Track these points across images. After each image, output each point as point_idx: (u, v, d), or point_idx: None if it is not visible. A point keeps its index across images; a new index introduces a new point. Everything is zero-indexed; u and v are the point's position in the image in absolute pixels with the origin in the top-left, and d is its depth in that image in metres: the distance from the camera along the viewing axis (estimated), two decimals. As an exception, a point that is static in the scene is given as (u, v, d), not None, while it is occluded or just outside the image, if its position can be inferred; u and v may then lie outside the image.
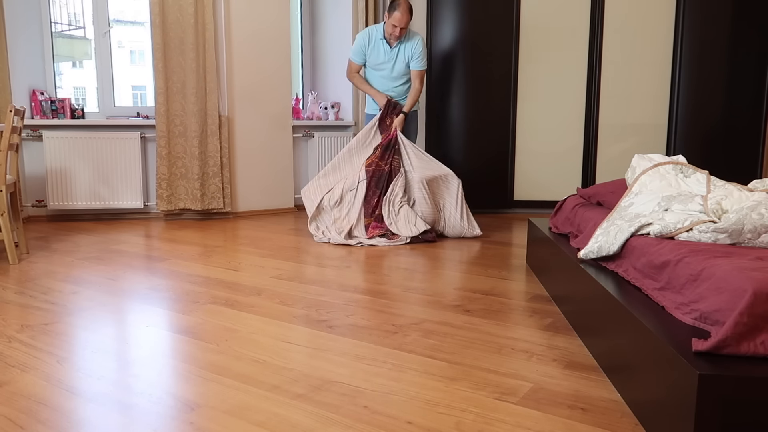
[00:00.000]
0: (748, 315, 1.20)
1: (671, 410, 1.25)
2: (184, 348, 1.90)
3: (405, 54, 3.99)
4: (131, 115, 4.67)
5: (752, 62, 4.61)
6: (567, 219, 2.65)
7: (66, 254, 3.30)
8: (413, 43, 3.97)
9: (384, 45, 3.97)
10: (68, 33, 4.91)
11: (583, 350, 1.89)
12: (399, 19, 3.79)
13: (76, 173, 4.38)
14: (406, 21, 3.81)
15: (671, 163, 2.19)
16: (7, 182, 3.04)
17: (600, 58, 4.74)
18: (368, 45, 4.00)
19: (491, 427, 1.40)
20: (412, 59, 3.98)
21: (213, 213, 4.69)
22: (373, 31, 4.00)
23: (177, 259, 3.19)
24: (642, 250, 1.75)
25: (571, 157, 4.89)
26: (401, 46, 3.97)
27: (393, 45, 3.96)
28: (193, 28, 4.34)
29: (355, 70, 4.10)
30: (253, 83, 4.72)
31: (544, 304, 2.41)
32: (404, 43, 3.97)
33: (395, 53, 3.98)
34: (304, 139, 5.17)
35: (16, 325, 2.12)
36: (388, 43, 3.97)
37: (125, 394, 1.57)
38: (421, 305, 2.37)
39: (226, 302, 2.40)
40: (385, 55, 3.99)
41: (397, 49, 3.98)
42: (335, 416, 1.45)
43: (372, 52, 4.01)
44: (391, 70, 4.02)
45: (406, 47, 3.97)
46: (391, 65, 4.01)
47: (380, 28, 3.98)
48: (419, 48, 3.97)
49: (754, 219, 1.60)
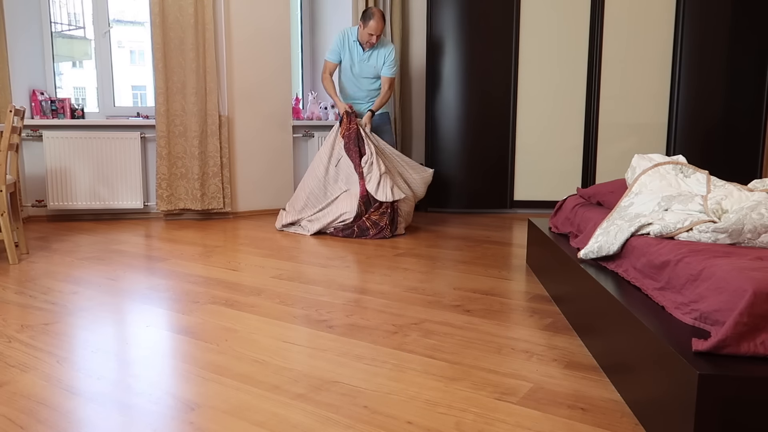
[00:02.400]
0: (748, 315, 1.20)
1: (671, 410, 1.25)
2: (184, 348, 1.90)
3: (377, 59, 4.21)
4: (131, 115, 4.67)
5: (752, 62, 4.61)
6: (567, 219, 2.65)
7: (66, 254, 3.30)
8: (387, 51, 4.19)
9: (358, 47, 4.19)
10: (68, 33, 4.91)
11: (583, 350, 1.89)
12: (374, 28, 3.99)
13: (76, 173, 4.38)
14: (380, 29, 4.02)
15: (671, 163, 2.19)
16: (7, 182, 3.04)
17: (600, 58, 4.74)
18: (343, 45, 4.20)
19: (491, 427, 1.40)
20: (384, 66, 4.20)
21: (213, 213, 4.69)
22: (348, 32, 4.19)
23: (177, 259, 3.19)
24: (642, 250, 1.75)
25: (571, 157, 4.89)
26: (375, 52, 4.19)
27: (366, 50, 4.17)
28: (193, 28, 4.34)
29: (330, 69, 4.26)
30: (253, 83, 4.72)
31: (544, 304, 2.41)
32: (378, 49, 4.19)
33: (367, 57, 4.20)
34: (304, 139, 5.17)
35: (16, 325, 2.12)
36: (362, 47, 4.17)
37: (125, 394, 1.57)
38: (421, 305, 2.37)
39: (226, 302, 2.40)
40: (358, 57, 4.21)
41: (370, 53, 4.20)
42: (335, 416, 1.45)
43: (346, 53, 4.22)
44: (362, 72, 4.24)
45: (379, 53, 4.19)
46: (362, 67, 4.23)
47: (354, 31, 4.18)
48: (391, 56, 4.20)
49: (754, 219, 1.60)
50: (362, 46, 4.15)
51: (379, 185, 3.84)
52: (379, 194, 3.81)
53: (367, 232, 3.80)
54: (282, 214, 4.15)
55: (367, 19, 3.99)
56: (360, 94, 4.34)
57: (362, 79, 4.28)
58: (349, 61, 4.23)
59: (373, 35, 4.02)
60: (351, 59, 4.22)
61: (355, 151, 3.95)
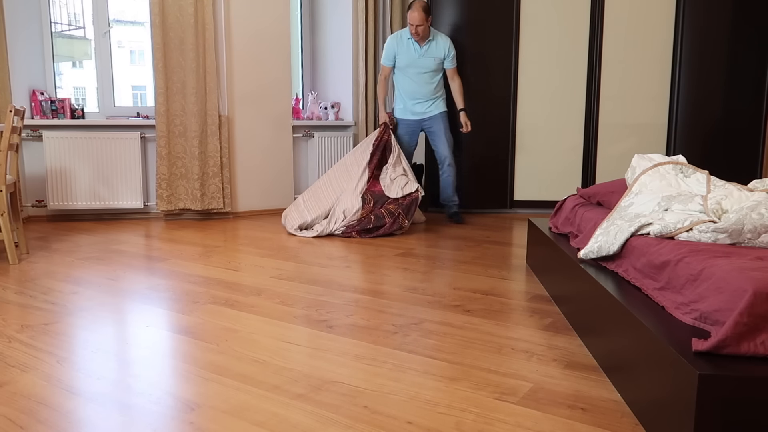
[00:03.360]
0: (748, 315, 1.20)
1: (671, 410, 1.25)
2: (184, 348, 1.90)
3: (437, 51, 4.32)
4: (131, 115, 4.67)
5: (752, 62, 4.61)
6: (567, 219, 2.65)
7: (66, 254, 3.30)
8: (445, 43, 4.34)
9: (413, 44, 4.29)
10: (68, 33, 4.91)
11: (583, 350, 1.89)
12: (414, 18, 4.13)
13: (76, 173, 4.38)
14: (421, 18, 4.12)
15: (671, 163, 2.19)
16: (7, 182, 3.04)
17: (600, 58, 4.74)
18: (398, 46, 4.32)
19: (491, 427, 1.40)
20: (445, 59, 4.36)
21: (213, 213, 4.69)
22: (403, 33, 4.34)
23: (177, 259, 3.19)
24: (642, 250, 1.75)
25: (571, 157, 4.89)
26: (432, 44, 4.31)
27: (422, 45, 4.29)
28: (193, 28, 4.34)
29: (385, 74, 4.42)
30: (253, 83, 4.72)
31: (544, 304, 2.41)
32: (435, 41, 4.31)
33: (425, 50, 4.30)
34: (304, 139, 5.17)
35: (16, 325, 2.12)
36: (418, 43, 4.29)
37: (125, 394, 1.57)
38: (421, 305, 2.37)
39: (226, 302, 2.40)
40: (416, 53, 4.30)
41: (428, 47, 4.31)
42: (335, 416, 1.45)
43: (402, 53, 4.33)
44: (422, 67, 4.32)
45: (438, 45, 4.32)
46: (421, 63, 4.31)
47: (407, 30, 4.33)
48: (450, 49, 4.35)
49: (754, 219, 1.60)
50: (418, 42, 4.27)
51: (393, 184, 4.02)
52: (393, 191, 3.98)
53: (383, 221, 3.84)
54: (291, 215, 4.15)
55: (409, 10, 4.18)
56: (422, 91, 4.39)
57: (422, 75, 4.35)
58: (405, 60, 4.32)
59: (413, 25, 4.14)
60: (408, 57, 4.31)
61: (377, 157, 4.18)
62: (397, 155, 4.21)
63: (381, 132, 4.29)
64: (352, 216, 3.89)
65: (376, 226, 3.84)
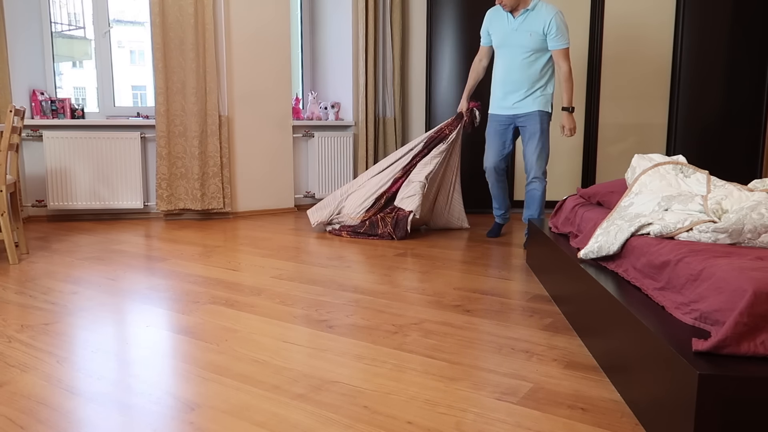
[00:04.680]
0: (748, 315, 1.20)
1: (671, 410, 1.25)
2: (184, 348, 1.90)
3: (534, 24, 3.32)
4: (131, 115, 4.67)
5: (752, 62, 4.61)
6: (567, 219, 2.65)
7: (66, 254, 3.30)
8: (545, 15, 3.29)
9: (508, 16, 3.39)
10: (68, 33, 4.91)
11: (583, 350, 1.89)
12: None
13: (76, 173, 4.38)
14: None
15: (671, 163, 2.19)
16: (7, 182, 3.04)
17: (600, 58, 4.74)
18: (492, 19, 3.49)
19: (491, 427, 1.40)
20: (547, 36, 3.31)
21: (213, 213, 4.69)
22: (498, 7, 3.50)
23: (177, 259, 3.19)
24: (642, 250, 1.75)
25: (571, 157, 4.89)
26: (527, 15, 3.33)
27: (516, 15, 3.36)
28: (193, 28, 4.34)
29: (482, 54, 3.64)
30: (253, 83, 4.72)
31: (544, 304, 2.41)
32: (532, 12, 3.32)
33: (519, 22, 3.35)
34: (304, 139, 5.17)
35: (16, 325, 2.12)
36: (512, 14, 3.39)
37: (125, 394, 1.57)
38: (421, 305, 2.37)
39: (226, 302, 2.40)
40: (510, 26, 3.38)
41: (523, 18, 3.34)
42: (335, 416, 1.45)
43: (494, 26, 3.47)
44: (514, 43, 3.38)
45: (537, 17, 3.31)
46: (514, 38, 3.38)
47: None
48: (555, 21, 3.26)
49: (754, 219, 1.60)
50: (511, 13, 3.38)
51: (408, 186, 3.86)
52: (401, 192, 3.87)
53: (376, 230, 3.81)
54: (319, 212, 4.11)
55: None
56: (513, 78, 3.43)
57: (516, 55, 3.39)
58: (499, 37, 3.44)
59: None
60: (502, 32, 3.42)
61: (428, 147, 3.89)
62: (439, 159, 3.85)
63: (448, 122, 3.85)
64: (352, 218, 3.89)
65: (367, 233, 3.83)
